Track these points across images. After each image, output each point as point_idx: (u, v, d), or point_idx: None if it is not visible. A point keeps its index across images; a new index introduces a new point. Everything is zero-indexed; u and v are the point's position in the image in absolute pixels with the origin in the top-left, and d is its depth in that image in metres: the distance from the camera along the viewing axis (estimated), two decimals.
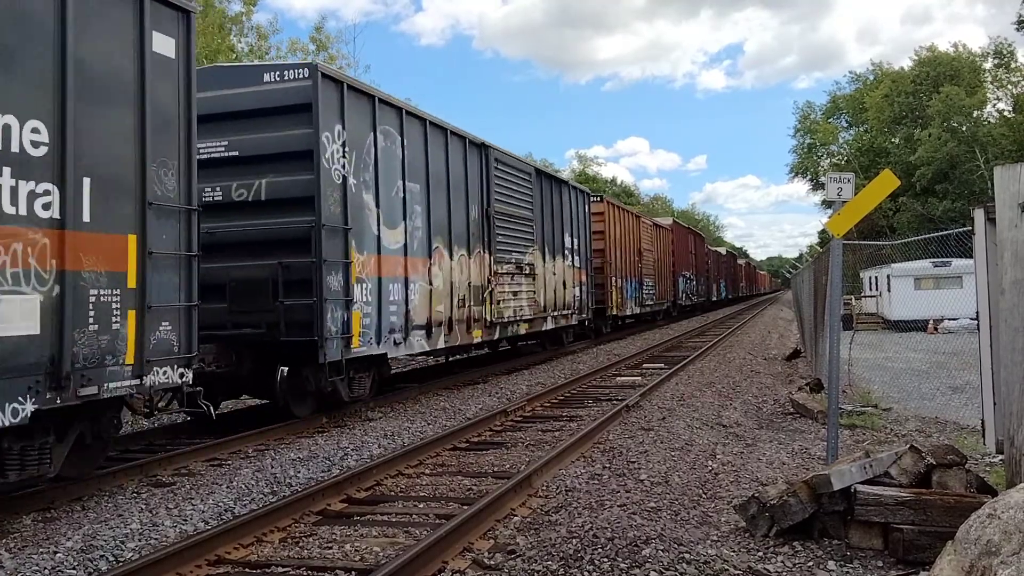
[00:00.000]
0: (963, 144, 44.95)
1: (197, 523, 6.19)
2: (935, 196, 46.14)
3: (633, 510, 6.12)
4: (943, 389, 12.12)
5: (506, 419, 10.68)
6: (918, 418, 10.27)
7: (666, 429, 9.57)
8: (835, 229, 7.44)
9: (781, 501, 5.45)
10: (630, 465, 7.73)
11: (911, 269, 26.10)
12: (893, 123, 52.98)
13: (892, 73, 56.56)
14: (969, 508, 4.59)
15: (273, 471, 7.77)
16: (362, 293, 10.58)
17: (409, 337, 11.72)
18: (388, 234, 11.36)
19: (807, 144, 65.17)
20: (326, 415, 10.71)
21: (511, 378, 15.43)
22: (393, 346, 11.35)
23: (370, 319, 10.75)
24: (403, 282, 11.69)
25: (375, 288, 10.91)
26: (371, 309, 10.78)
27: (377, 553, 5.45)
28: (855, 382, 13.51)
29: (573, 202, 20.72)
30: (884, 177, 7.25)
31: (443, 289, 13.00)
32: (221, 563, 5.32)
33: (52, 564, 5.26)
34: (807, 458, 8.18)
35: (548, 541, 5.42)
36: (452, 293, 13.30)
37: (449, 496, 6.95)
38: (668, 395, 12.52)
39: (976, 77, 50.81)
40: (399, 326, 11.53)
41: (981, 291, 6.31)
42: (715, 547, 5.32)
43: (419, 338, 12.13)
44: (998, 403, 6.02)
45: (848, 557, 5.13)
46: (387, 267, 11.24)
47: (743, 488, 6.89)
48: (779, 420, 10.76)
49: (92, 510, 6.58)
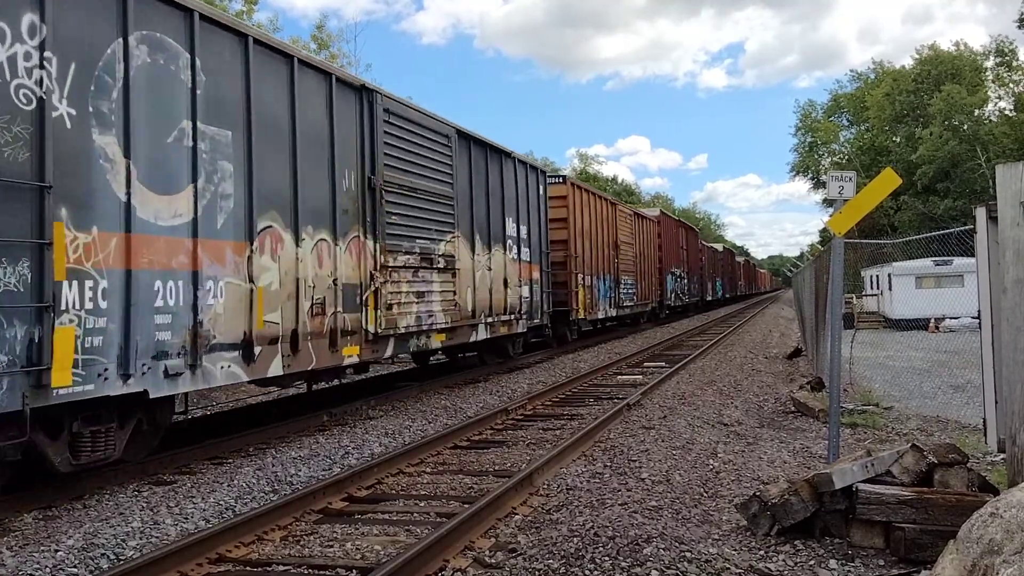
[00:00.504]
0: (964, 143, 44.97)
1: (198, 521, 6.19)
2: (936, 195, 46.16)
3: (634, 509, 6.12)
4: (944, 388, 12.12)
5: (507, 418, 10.67)
6: (919, 417, 10.26)
7: (667, 428, 9.56)
8: (836, 227, 7.43)
9: (782, 500, 5.45)
10: (631, 464, 7.72)
11: (912, 268, 26.10)
12: (894, 122, 53.00)
13: (893, 72, 56.55)
14: (971, 507, 4.58)
15: (274, 469, 7.77)
16: (83, 295, 6.56)
17: (202, 363, 7.67)
18: (154, 202, 7.32)
19: (808, 143, 65.25)
20: (327, 413, 10.71)
21: (512, 377, 15.43)
22: (164, 379, 7.27)
23: (102, 337, 6.68)
24: (189, 278, 7.65)
25: (119, 287, 6.89)
26: (106, 321, 6.73)
27: (378, 552, 5.45)
28: (856, 381, 13.51)
29: (522, 181, 16.57)
30: (885, 175, 7.25)
31: (280, 290, 8.93)
32: (222, 561, 5.32)
33: (53, 562, 5.26)
34: (808, 457, 8.18)
35: (549, 540, 5.42)
36: (300, 295, 9.21)
37: (450, 495, 6.95)
38: (669, 393, 12.52)
39: (977, 76, 50.83)
40: (177, 347, 7.43)
41: (983, 290, 6.30)
42: (716, 546, 5.31)
43: (227, 363, 8.06)
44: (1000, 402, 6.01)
45: (850, 556, 5.12)
46: (149, 253, 7.22)
47: (744, 487, 6.88)
48: (780, 419, 10.75)
49: (93, 508, 6.58)
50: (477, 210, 14.29)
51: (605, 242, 24.19)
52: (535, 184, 17.65)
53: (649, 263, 31.08)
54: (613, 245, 25.12)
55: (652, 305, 31.60)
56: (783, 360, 18.70)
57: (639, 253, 29.08)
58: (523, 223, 16.61)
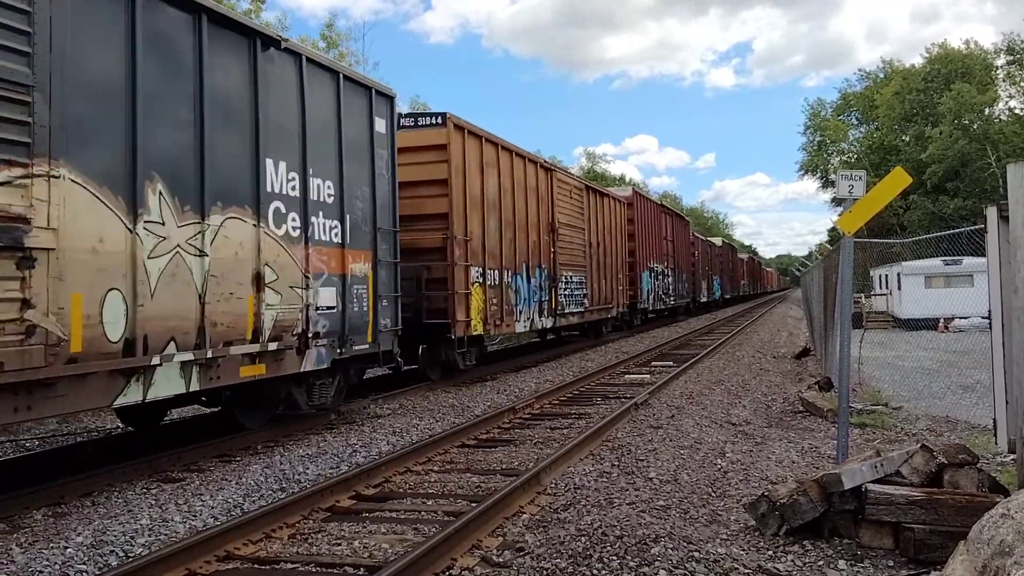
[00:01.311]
0: (974, 142, 44.73)
1: (207, 519, 6.20)
2: (946, 194, 45.95)
3: (642, 508, 6.11)
4: (954, 388, 12.07)
5: (514, 416, 10.67)
6: (929, 417, 10.21)
7: (675, 427, 9.55)
8: (846, 227, 7.39)
9: (791, 500, 5.43)
10: (639, 463, 7.71)
11: (922, 267, 26.00)
12: (904, 120, 52.77)
13: (903, 70, 56.30)
14: (981, 508, 4.55)
15: (282, 467, 7.79)
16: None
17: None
18: None
19: (817, 141, 64.95)
20: (334, 412, 10.71)
21: (519, 376, 15.42)
22: None
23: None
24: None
25: None
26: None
27: (386, 550, 5.45)
28: (865, 381, 13.45)
29: (321, 99, 9.72)
30: (896, 174, 7.20)
31: None
32: (230, 559, 5.33)
33: (62, 559, 5.28)
34: (817, 457, 8.15)
35: (557, 539, 5.41)
36: None
37: (458, 493, 6.95)
38: (677, 393, 12.49)
39: (988, 74, 50.54)
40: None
41: (993, 289, 6.27)
42: (724, 546, 5.30)
43: None
44: (1010, 402, 5.98)
45: (859, 556, 5.10)
46: None
47: (752, 487, 6.86)
48: (789, 419, 10.72)
49: (102, 505, 6.61)
50: (159, 131, 7.27)
51: (532, 222, 17.35)
52: (362, 113, 10.61)
53: (614, 256, 24.31)
54: (548, 228, 18.39)
55: (619, 310, 25.01)
56: (791, 360, 18.65)
57: (595, 242, 22.24)
58: (323, 176, 9.65)
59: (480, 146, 14.88)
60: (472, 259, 14.28)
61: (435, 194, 13.61)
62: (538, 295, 17.65)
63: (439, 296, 13.50)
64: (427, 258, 13.54)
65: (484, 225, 14.85)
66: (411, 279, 12.98)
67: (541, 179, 18.10)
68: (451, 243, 13.61)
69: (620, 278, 25.08)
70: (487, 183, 15.05)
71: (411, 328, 12.54)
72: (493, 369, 16.28)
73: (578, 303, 20.55)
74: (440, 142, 13.68)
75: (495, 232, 15.37)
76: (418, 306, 13.29)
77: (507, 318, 15.81)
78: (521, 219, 16.74)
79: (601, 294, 22.80)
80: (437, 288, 13.53)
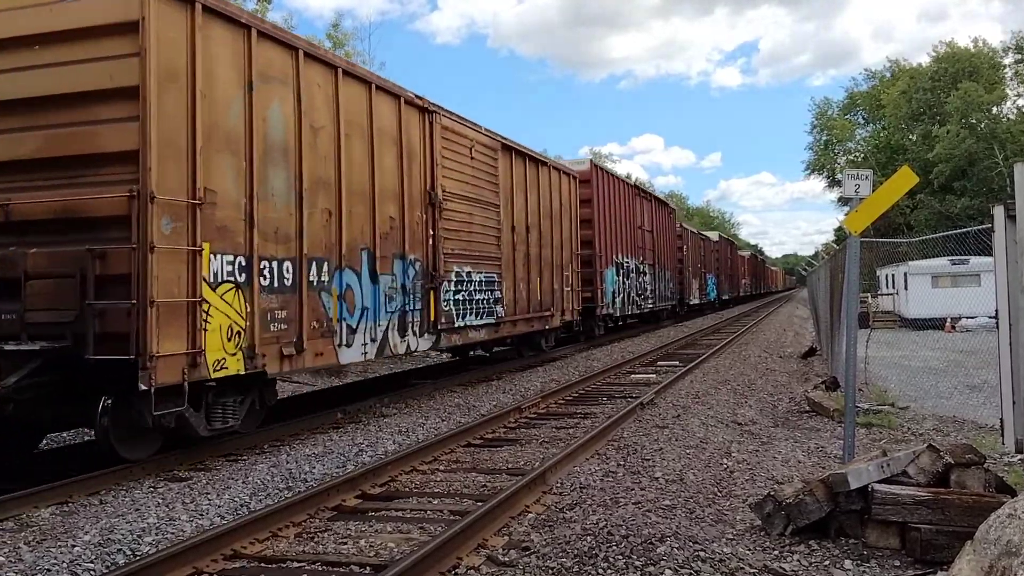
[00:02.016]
0: (982, 141, 44.62)
1: (213, 518, 6.22)
2: (953, 193, 45.83)
3: (648, 508, 6.11)
4: (961, 388, 12.03)
5: (520, 416, 10.67)
6: (935, 417, 10.18)
7: (681, 427, 9.54)
8: (852, 226, 7.38)
9: (797, 500, 5.42)
10: (645, 463, 7.71)
11: (928, 267, 25.91)
12: (911, 120, 52.66)
13: (910, 69, 56.13)
14: (988, 508, 4.54)
15: (288, 467, 7.81)
16: None
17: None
18: None
19: (824, 141, 64.83)
20: (341, 411, 10.74)
21: (525, 375, 15.43)
22: None
23: None
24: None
25: None
26: None
27: (392, 549, 5.46)
28: (871, 380, 13.42)
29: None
30: (903, 174, 7.19)
31: None
32: (237, 558, 5.35)
33: (70, 557, 5.30)
34: (823, 457, 8.14)
35: (562, 538, 5.42)
36: None
37: (463, 493, 6.96)
38: (683, 392, 12.48)
39: (995, 73, 50.40)
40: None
41: (1000, 289, 6.26)
42: (730, 545, 5.29)
43: None
44: (1017, 402, 5.97)
45: (865, 556, 5.09)
46: None
47: (758, 486, 6.85)
48: (795, 418, 10.70)
49: (109, 504, 6.63)
50: None
51: (385, 188, 11.10)
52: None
53: (558, 247, 18.25)
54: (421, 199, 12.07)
55: (568, 318, 18.96)
56: (797, 359, 18.61)
57: (523, 226, 16.08)
58: None
59: (245, 41, 8.42)
60: (216, 238, 7.95)
61: (114, 117, 7.38)
62: (397, 302, 11.35)
63: (119, 310, 7.16)
64: (97, 235, 7.35)
65: (251, 180, 8.43)
66: (66, 276, 7.33)
67: (410, 123, 11.79)
68: (146, 206, 7.15)
69: (568, 276, 18.86)
70: (263, 110, 8.66)
71: (73, 367, 7.20)
72: (493, 371, 15.56)
73: (486, 312, 14.25)
74: (121, 19, 7.32)
75: (285, 195, 9.00)
76: (82, 328, 7.14)
77: (318, 342, 9.49)
78: (359, 181, 10.46)
79: (533, 298, 16.58)
80: (117, 293, 7.20)
